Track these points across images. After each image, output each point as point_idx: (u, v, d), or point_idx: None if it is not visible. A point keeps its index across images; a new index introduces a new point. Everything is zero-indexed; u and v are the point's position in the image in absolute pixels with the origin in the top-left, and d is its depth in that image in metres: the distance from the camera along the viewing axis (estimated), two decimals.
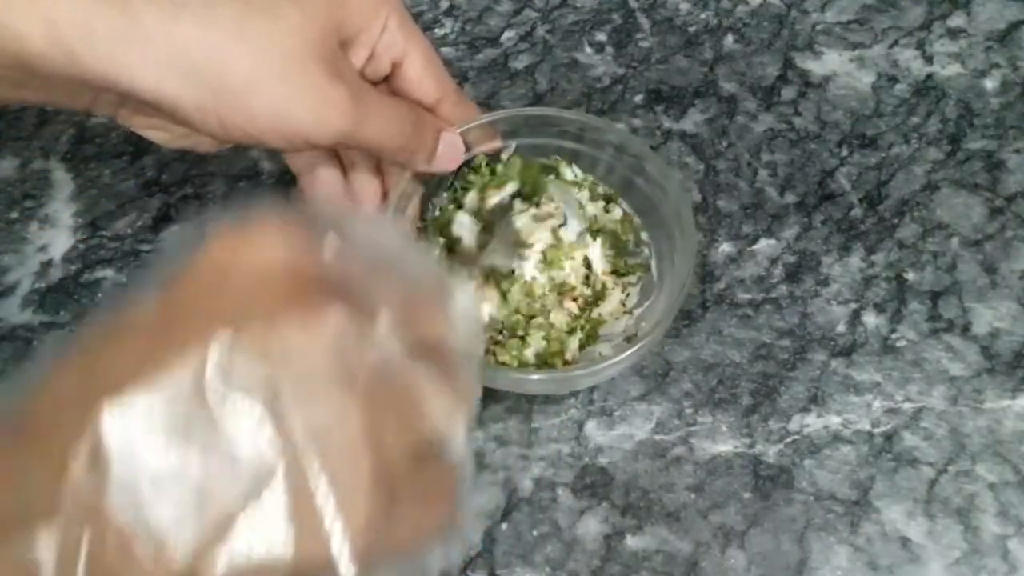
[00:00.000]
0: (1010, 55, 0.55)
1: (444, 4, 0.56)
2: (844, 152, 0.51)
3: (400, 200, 0.40)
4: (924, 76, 0.54)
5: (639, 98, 0.53)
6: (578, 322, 0.41)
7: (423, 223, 0.44)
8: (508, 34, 0.55)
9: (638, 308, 0.43)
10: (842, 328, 0.45)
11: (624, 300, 0.43)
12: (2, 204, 0.48)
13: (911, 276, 0.47)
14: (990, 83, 0.54)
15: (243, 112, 0.32)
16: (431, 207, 0.44)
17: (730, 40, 0.55)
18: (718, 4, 0.57)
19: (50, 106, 0.34)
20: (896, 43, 0.55)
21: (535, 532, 0.40)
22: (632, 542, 0.40)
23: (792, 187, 0.50)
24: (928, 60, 0.55)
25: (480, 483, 0.41)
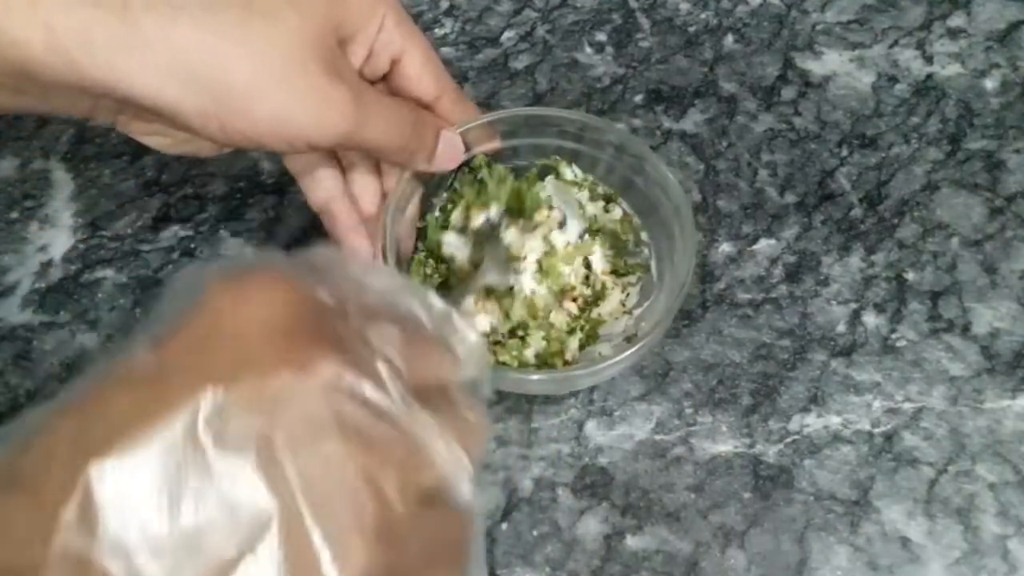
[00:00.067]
0: (1010, 55, 0.55)
1: (444, 4, 0.56)
2: (844, 152, 0.51)
3: (400, 200, 0.41)
4: (924, 76, 0.54)
5: (639, 98, 0.53)
6: (578, 322, 0.41)
7: (423, 223, 0.44)
8: (508, 34, 0.55)
9: (638, 308, 0.43)
10: (842, 328, 0.45)
11: (624, 300, 0.43)
12: (2, 204, 0.48)
13: (911, 276, 0.47)
14: (990, 83, 0.54)
15: (244, 116, 0.32)
16: (431, 207, 0.44)
17: (730, 40, 0.55)
18: (718, 4, 0.57)
19: (49, 113, 0.33)
20: (896, 43, 0.55)
21: (535, 532, 0.40)
22: (632, 542, 0.40)
23: (792, 187, 0.50)
24: (928, 60, 0.55)
25: (481, 483, 0.41)
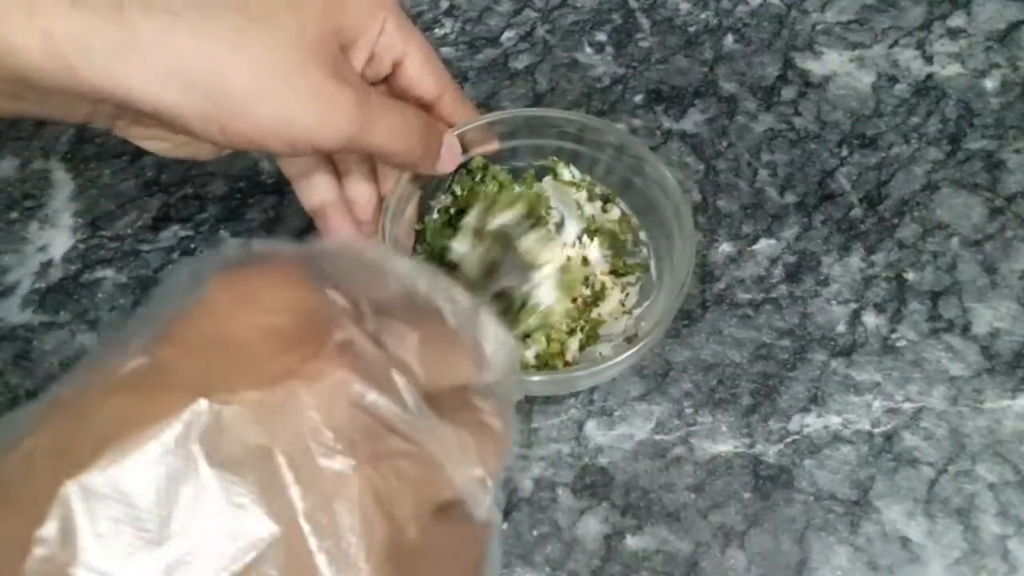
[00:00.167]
0: (1010, 55, 0.55)
1: (444, 4, 0.56)
2: (844, 152, 0.51)
3: (398, 202, 0.40)
4: (924, 76, 0.54)
5: (639, 98, 0.53)
6: (578, 323, 0.41)
7: (421, 225, 0.44)
8: (508, 34, 0.55)
9: (638, 308, 0.43)
10: (842, 328, 0.45)
11: (623, 300, 0.43)
12: (2, 204, 0.48)
13: (911, 276, 0.47)
14: (990, 83, 0.54)
15: (245, 118, 0.32)
16: (429, 209, 0.44)
17: (730, 40, 0.55)
18: (718, 4, 0.57)
19: (47, 118, 0.33)
20: (896, 43, 0.55)
21: (535, 532, 0.40)
22: (632, 542, 0.40)
23: (792, 187, 0.50)
24: (928, 60, 0.55)
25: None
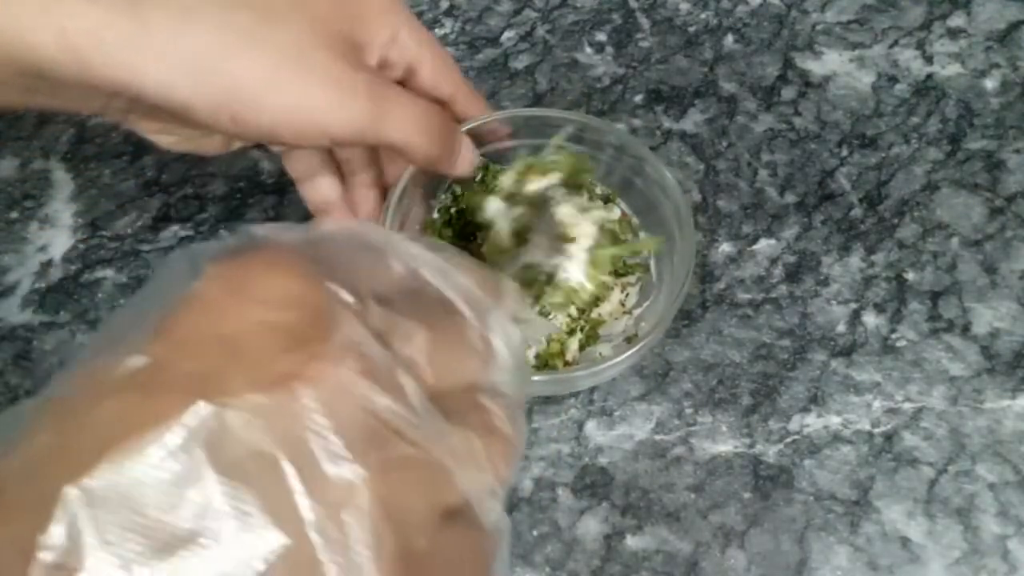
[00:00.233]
0: (1010, 55, 0.55)
1: (444, 4, 0.56)
2: (844, 152, 0.51)
3: (399, 203, 0.40)
4: (924, 76, 0.54)
5: (639, 98, 0.53)
6: (578, 323, 0.41)
7: (421, 225, 0.44)
8: (508, 34, 0.55)
9: (638, 308, 0.43)
10: (842, 328, 0.45)
11: (623, 300, 0.43)
12: (2, 204, 0.48)
13: (911, 276, 0.47)
14: (990, 83, 0.54)
15: (258, 108, 0.32)
16: (430, 208, 0.44)
17: (730, 40, 0.55)
18: (718, 4, 0.57)
19: (60, 110, 0.33)
20: (896, 43, 0.55)
21: (535, 532, 0.40)
22: (632, 542, 0.40)
23: (792, 187, 0.50)
24: (928, 60, 0.55)
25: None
